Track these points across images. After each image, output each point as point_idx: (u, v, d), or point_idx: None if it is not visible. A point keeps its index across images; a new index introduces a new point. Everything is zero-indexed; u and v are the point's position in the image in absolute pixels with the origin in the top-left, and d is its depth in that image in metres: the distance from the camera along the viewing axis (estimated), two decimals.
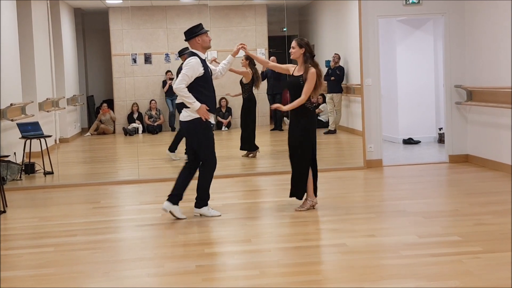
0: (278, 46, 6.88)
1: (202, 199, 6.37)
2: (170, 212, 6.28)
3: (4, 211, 6.87)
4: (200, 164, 6.35)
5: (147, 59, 11.97)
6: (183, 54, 9.13)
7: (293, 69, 6.44)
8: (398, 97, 11.41)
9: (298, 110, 6.34)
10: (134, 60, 11.95)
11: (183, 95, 6.07)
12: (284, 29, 10.10)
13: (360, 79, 9.06)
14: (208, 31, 6.32)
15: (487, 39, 8.52)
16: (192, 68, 6.07)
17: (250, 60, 9.61)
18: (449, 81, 9.14)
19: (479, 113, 8.86)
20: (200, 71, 6.10)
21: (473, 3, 8.81)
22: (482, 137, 8.78)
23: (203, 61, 6.21)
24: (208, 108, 6.17)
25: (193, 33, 6.24)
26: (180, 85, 6.06)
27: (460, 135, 9.16)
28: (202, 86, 6.16)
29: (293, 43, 6.37)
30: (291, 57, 6.46)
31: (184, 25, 12.12)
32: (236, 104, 11.26)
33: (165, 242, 5.52)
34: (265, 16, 11.80)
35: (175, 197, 6.29)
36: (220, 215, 6.35)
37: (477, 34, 8.75)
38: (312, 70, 6.22)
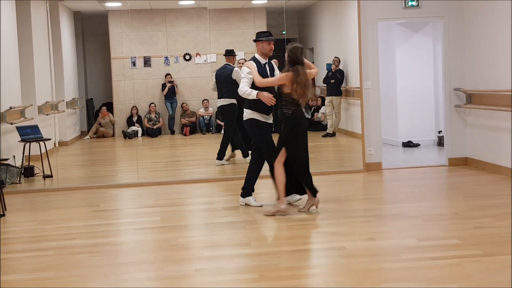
0: (277, 49, 6.91)
1: (246, 187, 6.93)
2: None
3: (3, 215, 6.86)
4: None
5: (147, 62, 11.98)
6: (227, 55, 9.62)
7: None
8: (398, 100, 11.41)
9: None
10: (134, 63, 11.96)
11: (246, 95, 6.46)
12: (283, 32, 10.09)
13: (359, 82, 9.06)
14: (272, 40, 6.65)
15: (486, 42, 8.53)
16: (244, 71, 6.55)
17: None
18: (448, 84, 9.14)
19: (478, 116, 8.86)
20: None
21: (472, 6, 8.82)
22: (482, 140, 8.78)
23: (260, 65, 6.59)
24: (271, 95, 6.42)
25: (257, 37, 6.71)
26: (242, 89, 6.49)
27: (460, 138, 9.16)
28: (257, 88, 6.49)
29: None
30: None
31: (184, 28, 12.21)
32: None
33: (165, 245, 5.51)
34: (265, 19, 11.80)
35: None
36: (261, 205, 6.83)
37: (476, 37, 8.76)
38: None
